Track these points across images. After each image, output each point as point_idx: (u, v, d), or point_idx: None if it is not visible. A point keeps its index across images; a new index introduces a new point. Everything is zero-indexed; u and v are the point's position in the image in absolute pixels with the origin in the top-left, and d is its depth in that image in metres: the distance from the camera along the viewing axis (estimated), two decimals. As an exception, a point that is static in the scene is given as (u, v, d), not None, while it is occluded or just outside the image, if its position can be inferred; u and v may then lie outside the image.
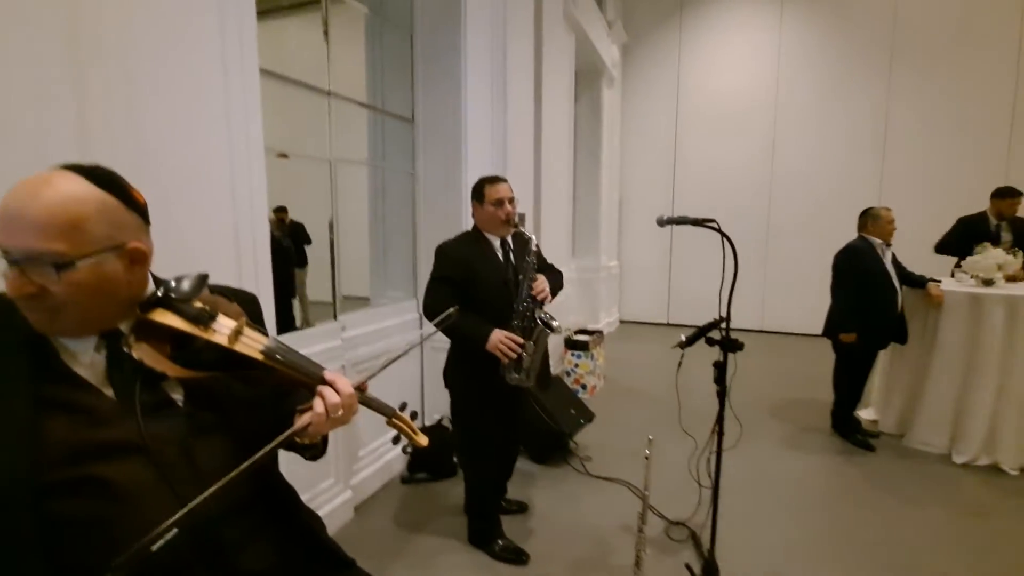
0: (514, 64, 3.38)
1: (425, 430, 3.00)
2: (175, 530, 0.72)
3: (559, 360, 4.47)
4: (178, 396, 0.88)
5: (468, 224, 2.98)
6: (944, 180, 5.85)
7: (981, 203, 4.08)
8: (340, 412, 0.87)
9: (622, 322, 7.45)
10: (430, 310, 2.04)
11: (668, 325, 7.24)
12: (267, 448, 0.81)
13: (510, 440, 2.38)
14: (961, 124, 5.81)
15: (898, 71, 6.00)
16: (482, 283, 2.02)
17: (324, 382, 0.89)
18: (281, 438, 0.83)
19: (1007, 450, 2.99)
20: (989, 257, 3.32)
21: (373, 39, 3.07)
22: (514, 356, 1.94)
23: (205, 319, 0.85)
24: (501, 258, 2.11)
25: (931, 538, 2.38)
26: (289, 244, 3.94)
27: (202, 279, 0.90)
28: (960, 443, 3.12)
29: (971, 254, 3.47)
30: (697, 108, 6.87)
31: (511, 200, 2.07)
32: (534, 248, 2.06)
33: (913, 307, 3.36)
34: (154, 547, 0.70)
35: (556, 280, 2.21)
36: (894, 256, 3.30)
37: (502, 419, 2.17)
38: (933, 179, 5.92)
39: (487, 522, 2.26)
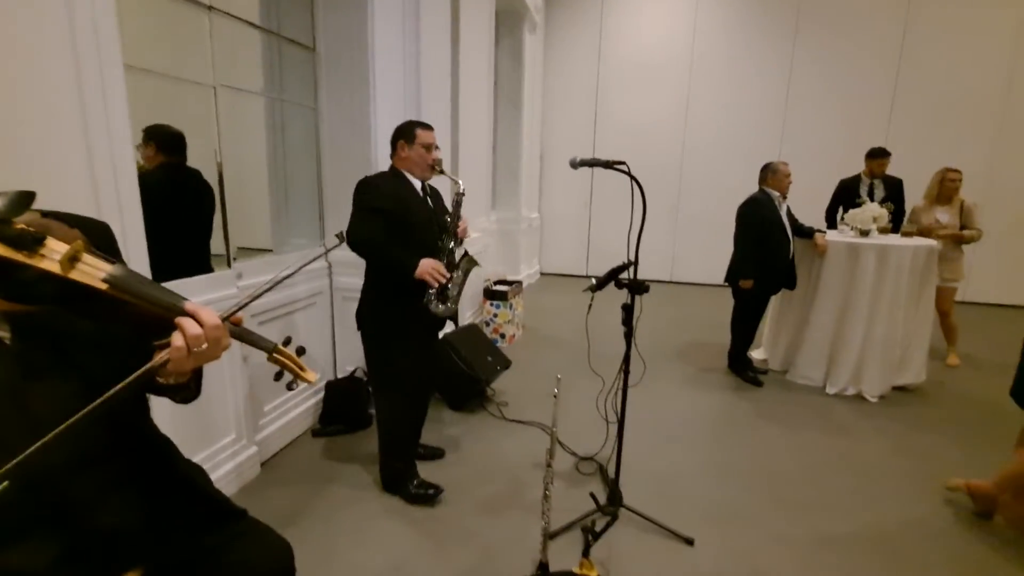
0: (428, -5, 3.15)
1: (339, 381, 2.91)
2: (5, 483, 0.62)
3: (478, 310, 4.47)
4: (3, 333, 0.75)
5: (376, 165, 2.84)
6: (835, 140, 6.34)
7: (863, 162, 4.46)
8: (204, 346, 0.78)
9: (543, 274, 7.57)
10: (356, 238, 2.01)
11: (587, 276, 7.46)
12: (116, 388, 0.71)
13: (424, 380, 2.38)
14: (852, 90, 6.28)
15: (802, 36, 6.32)
16: (411, 219, 2.08)
17: (185, 313, 0.79)
18: (133, 377, 0.73)
19: (870, 381, 3.41)
20: (866, 210, 3.66)
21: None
22: (443, 282, 2.03)
23: (28, 242, 0.72)
24: (423, 199, 2.18)
25: (805, 456, 2.69)
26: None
27: (24, 196, 0.76)
28: (833, 376, 3.52)
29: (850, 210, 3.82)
30: (618, 59, 6.87)
31: (437, 147, 2.17)
32: (462, 191, 2.19)
33: (801, 256, 3.66)
34: (-21, 502, 0.61)
35: None
36: (788, 208, 3.55)
37: (417, 357, 2.20)
38: (826, 138, 6.40)
39: (402, 464, 2.26)
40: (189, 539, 0.96)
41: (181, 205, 2.32)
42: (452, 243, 2.15)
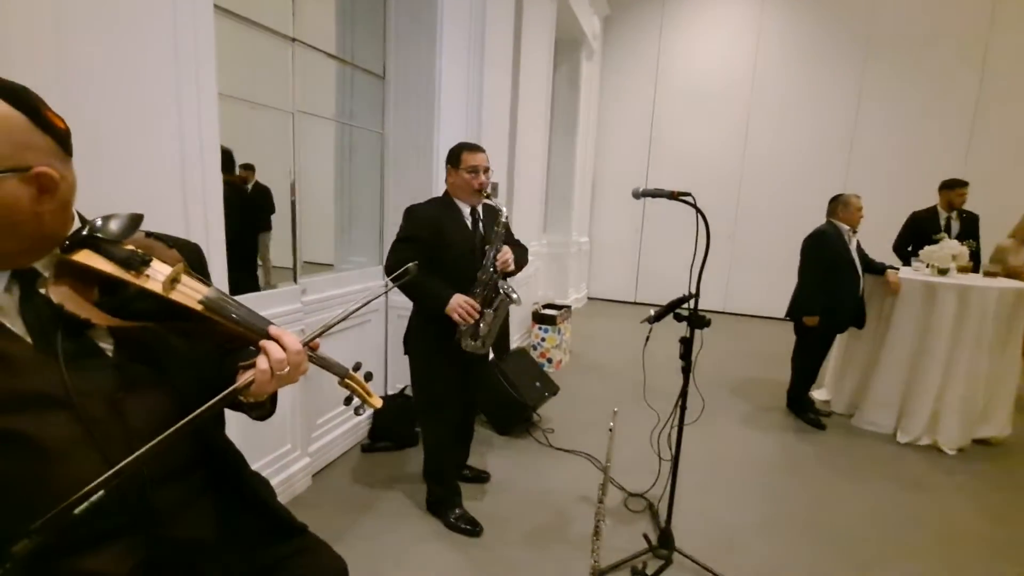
0: (493, 26, 3.24)
1: (388, 399, 2.96)
2: (100, 493, 0.65)
3: (526, 333, 4.46)
4: (107, 346, 0.80)
5: (438, 190, 2.91)
6: (906, 172, 6.02)
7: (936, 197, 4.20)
8: (286, 370, 0.81)
9: (590, 299, 7.49)
10: (392, 269, 2.04)
11: (636, 304, 7.33)
12: (206, 407, 0.74)
13: (468, 408, 2.37)
14: (926, 119, 5.97)
15: (871, 64, 6.09)
16: (449, 248, 2.01)
17: (269, 337, 0.82)
18: (221, 396, 0.76)
19: (947, 431, 3.15)
20: (945, 247, 3.43)
21: (344, -13, 2.89)
22: (471, 321, 1.94)
23: (136, 263, 0.77)
24: (470, 226, 2.10)
25: (874, 511, 2.49)
26: (256, 204, 3.76)
27: (134, 219, 0.81)
28: (905, 424, 3.27)
29: (925, 246, 3.58)
30: (676, 86, 6.83)
31: (486, 170, 2.06)
32: (503, 219, 2.03)
33: (871, 293, 3.46)
34: (77, 511, 0.64)
35: (521, 254, 2.19)
36: (858, 243, 3.38)
37: (460, 386, 2.18)
38: (896, 171, 6.09)
39: (444, 489, 2.25)
40: (256, 552, 0.99)
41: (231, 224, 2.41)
42: (490, 276, 2.00)
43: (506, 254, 2.01)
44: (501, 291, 2.02)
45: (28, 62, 1.12)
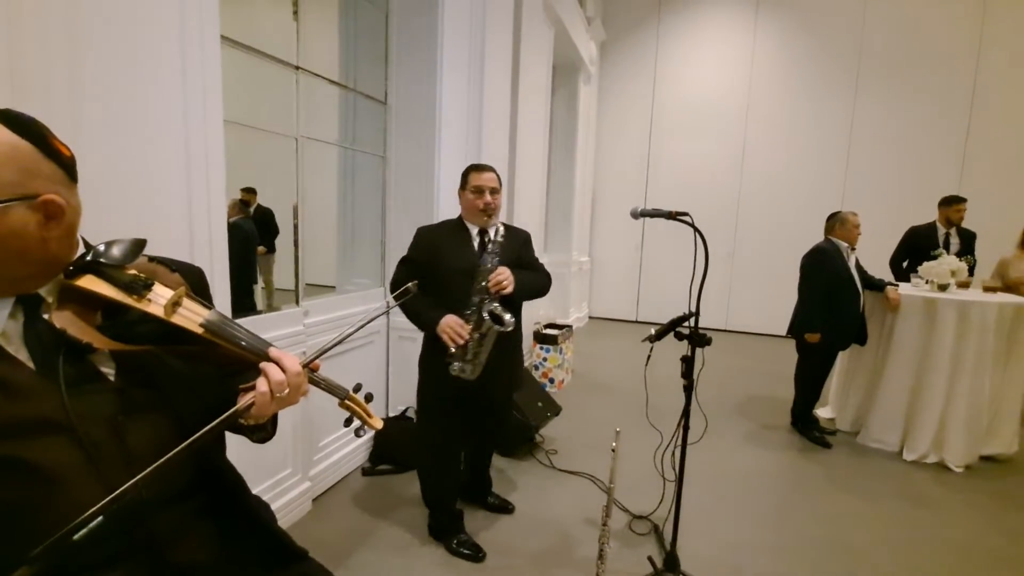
0: (492, 52, 3.31)
1: (389, 421, 2.94)
2: (100, 518, 0.65)
3: (528, 353, 4.45)
4: (109, 370, 0.80)
5: (439, 212, 2.95)
6: (902, 189, 6.07)
7: (935, 212, 4.23)
8: (286, 392, 0.81)
9: (592, 318, 7.49)
10: (393, 287, 2.13)
11: (637, 322, 7.32)
12: (206, 429, 0.75)
13: (481, 437, 2.34)
14: (920, 136, 6.05)
15: (864, 81, 6.20)
16: (445, 269, 1.98)
17: (270, 359, 0.83)
18: (222, 419, 0.77)
19: (953, 448, 3.11)
20: (944, 263, 3.43)
21: (347, 16, 2.96)
22: (459, 342, 1.87)
23: (139, 288, 0.78)
24: (475, 248, 2.05)
25: (885, 530, 2.45)
26: (251, 227, 3.80)
27: (137, 244, 0.83)
28: (911, 441, 3.24)
29: (923, 262, 3.59)
30: (672, 108, 6.94)
31: (493, 190, 2.02)
32: (498, 238, 1.98)
33: (872, 310, 3.46)
34: (76, 536, 0.64)
35: (534, 280, 2.11)
36: (857, 260, 3.39)
37: (460, 413, 2.11)
38: (892, 188, 6.14)
39: (443, 516, 2.22)
40: (257, 577, 0.97)
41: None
42: (482, 299, 1.90)
43: (500, 274, 1.87)
44: (485, 314, 1.88)
45: (41, 91, 1.15)
